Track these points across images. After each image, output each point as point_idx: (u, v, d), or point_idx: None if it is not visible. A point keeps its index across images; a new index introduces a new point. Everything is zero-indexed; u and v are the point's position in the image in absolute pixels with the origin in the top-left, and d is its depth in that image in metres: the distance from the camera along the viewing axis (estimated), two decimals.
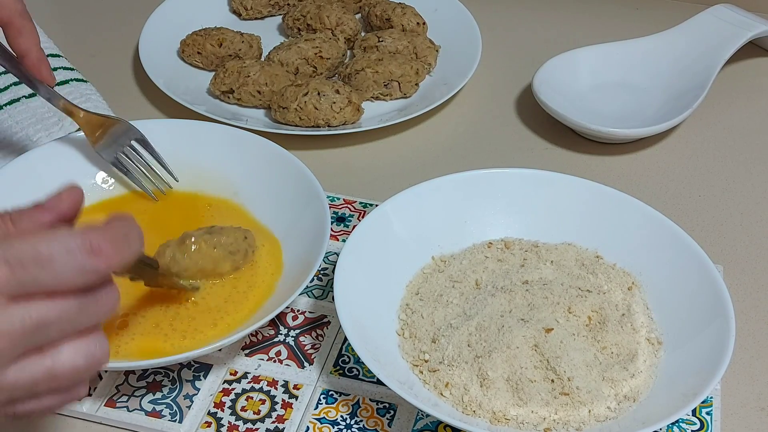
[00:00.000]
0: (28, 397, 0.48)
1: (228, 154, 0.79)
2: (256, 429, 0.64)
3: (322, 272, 0.75)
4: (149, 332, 0.67)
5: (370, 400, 0.66)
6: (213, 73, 0.95)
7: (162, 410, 0.65)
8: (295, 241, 0.72)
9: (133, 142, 0.78)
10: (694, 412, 0.66)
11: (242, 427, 0.64)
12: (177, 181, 0.79)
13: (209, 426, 0.64)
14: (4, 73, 0.89)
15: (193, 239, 0.69)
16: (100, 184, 0.78)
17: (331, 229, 0.72)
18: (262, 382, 0.67)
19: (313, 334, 0.71)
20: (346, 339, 0.69)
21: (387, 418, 0.65)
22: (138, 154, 0.78)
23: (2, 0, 0.70)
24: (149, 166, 0.78)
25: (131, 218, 0.50)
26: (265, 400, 0.66)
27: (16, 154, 0.81)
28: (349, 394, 0.67)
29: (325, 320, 0.71)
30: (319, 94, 0.88)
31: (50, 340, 0.48)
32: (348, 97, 0.89)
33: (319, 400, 0.66)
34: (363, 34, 1.02)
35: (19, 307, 0.46)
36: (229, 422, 0.65)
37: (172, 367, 0.68)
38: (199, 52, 0.96)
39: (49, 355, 0.48)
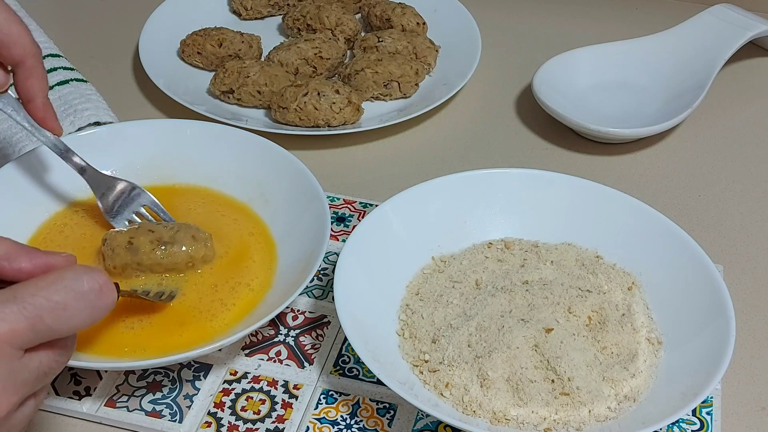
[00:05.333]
0: None
1: (228, 155, 0.79)
2: (256, 429, 0.64)
3: (322, 272, 0.75)
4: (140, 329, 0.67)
5: (370, 400, 0.66)
6: (213, 73, 0.95)
7: (162, 410, 0.65)
8: (295, 242, 0.72)
9: (142, 209, 0.74)
10: (694, 412, 0.66)
11: (242, 427, 0.64)
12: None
13: (209, 426, 0.64)
14: None
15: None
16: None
17: (331, 229, 0.72)
18: (262, 382, 0.67)
19: (313, 334, 0.71)
20: (346, 339, 0.69)
21: (387, 418, 0.65)
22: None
23: (20, 39, 0.66)
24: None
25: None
26: (265, 400, 0.66)
27: (15, 154, 0.81)
28: (349, 394, 0.67)
29: (325, 320, 0.71)
30: (319, 94, 0.88)
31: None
32: (348, 97, 0.89)
33: (319, 400, 0.66)
34: (363, 34, 1.02)
35: (33, 357, 0.48)
36: (229, 422, 0.65)
37: (172, 367, 0.68)
38: (199, 52, 0.96)
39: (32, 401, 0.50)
